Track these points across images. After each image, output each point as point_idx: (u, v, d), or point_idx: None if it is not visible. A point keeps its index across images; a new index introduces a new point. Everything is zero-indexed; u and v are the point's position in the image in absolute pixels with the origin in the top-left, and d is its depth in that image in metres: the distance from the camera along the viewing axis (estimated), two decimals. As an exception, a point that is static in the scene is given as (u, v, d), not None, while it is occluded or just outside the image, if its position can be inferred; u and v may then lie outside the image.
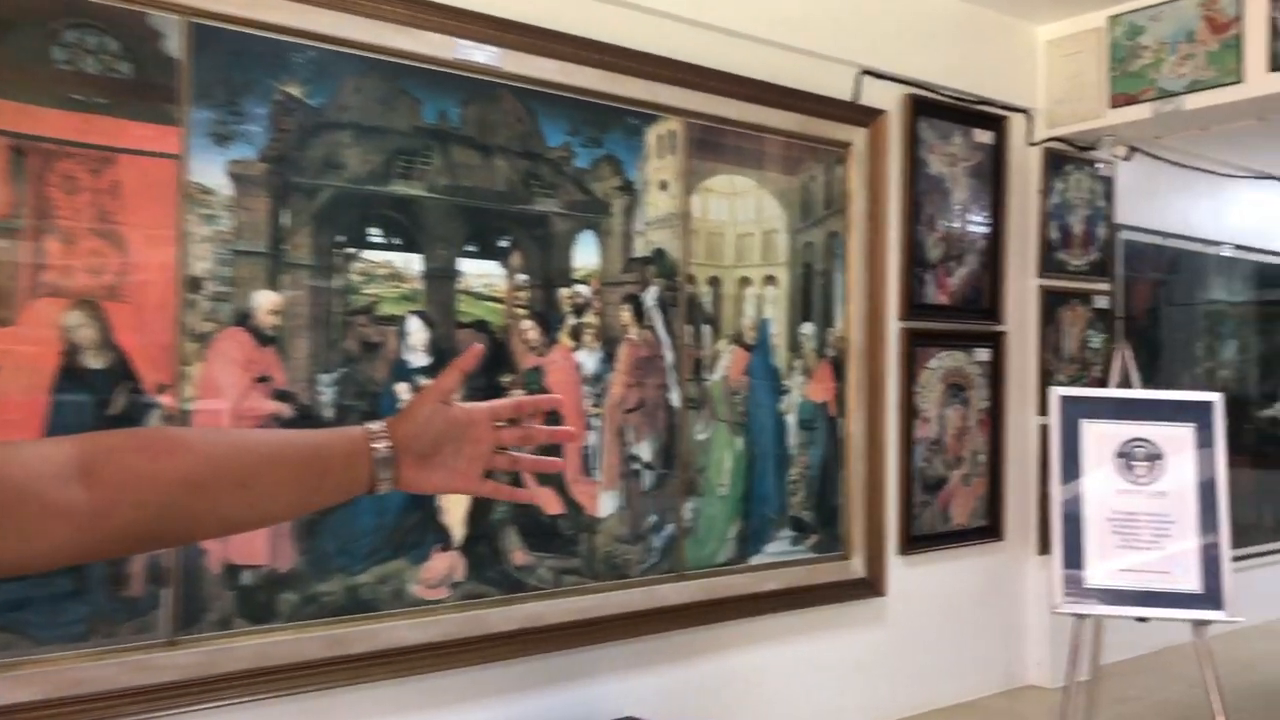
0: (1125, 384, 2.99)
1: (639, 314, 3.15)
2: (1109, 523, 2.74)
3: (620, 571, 3.10)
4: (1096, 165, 4.38)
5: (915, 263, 3.87)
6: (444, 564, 2.77)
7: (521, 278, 2.92)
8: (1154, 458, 2.77)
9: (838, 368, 3.66)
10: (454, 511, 2.79)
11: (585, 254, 3.05)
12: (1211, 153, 5.20)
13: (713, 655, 3.34)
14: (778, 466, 3.49)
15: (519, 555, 2.90)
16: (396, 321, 2.71)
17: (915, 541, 3.89)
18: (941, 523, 3.99)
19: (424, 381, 2.73)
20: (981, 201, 4.09)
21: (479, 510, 2.83)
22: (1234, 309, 5.36)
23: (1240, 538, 5.42)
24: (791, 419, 3.52)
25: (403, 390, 2.71)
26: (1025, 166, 4.25)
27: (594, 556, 3.04)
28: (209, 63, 2.42)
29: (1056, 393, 2.83)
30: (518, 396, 1.29)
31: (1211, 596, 2.72)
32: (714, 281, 3.34)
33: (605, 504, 3.07)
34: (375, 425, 1.08)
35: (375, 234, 2.69)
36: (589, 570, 3.03)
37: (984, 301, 4.11)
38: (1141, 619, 2.71)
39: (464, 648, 2.77)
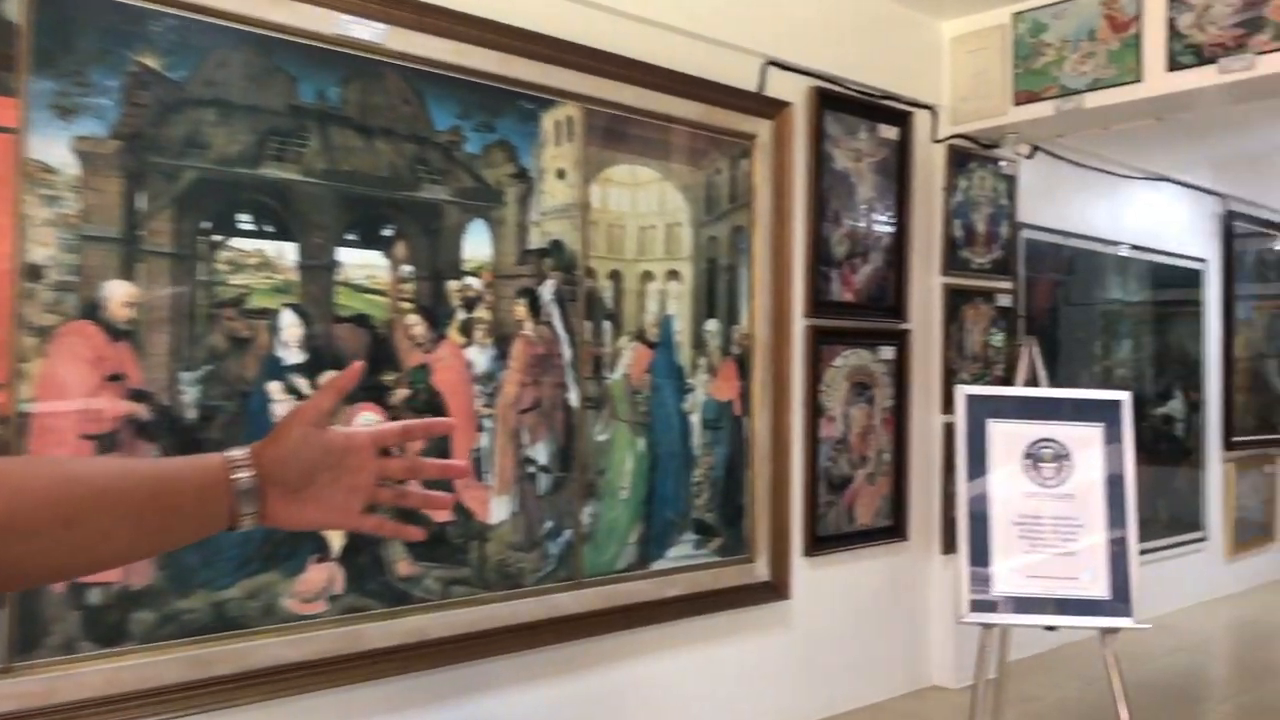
0: (1032, 382, 2.94)
1: (535, 309, 3.00)
2: (1016, 526, 2.67)
3: (513, 580, 2.94)
4: (1000, 163, 4.37)
5: (821, 259, 3.80)
6: (321, 576, 2.57)
7: (406, 269, 2.74)
8: (1061, 458, 2.71)
9: (743, 366, 3.56)
10: (332, 520, 2.59)
11: (476, 245, 2.88)
12: (1110, 153, 5.27)
13: (612, 665, 3.20)
14: (681, 468, 3.37)
15: (404, 565, 2.72)
16: (268, 315, 2.51)
17: (820, 542, 3.82)
18: (846, 523, 3.93)
19: (298, 380, 2.54)
20: (887, 198, 4.04)
21: (360, 518, 2.63)
22: (1130, 309, 5.45)
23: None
24: (696, 418, 3.41)
25: (275, 390, 2.51)
26: (930, 164, 4.22)
27: (485, 565, 2.88)
28: (52, 28, 2.19)
29: (963, 391, 2.75)
30: (405, 421, 1.15)
31: (1119, 602, 2.67)
32: (615, 276, 3.20)
33: (498, 509, 2.91)
34: (237, 453, 0.96)
35: (245, 220, 2.48)
36: (480, 580, 2.87)
37: (889, 299, 4.06)
38: (1050, 627, 2.67)
39: (342, 665, 2.58)
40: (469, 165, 2.86)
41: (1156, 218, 5.65)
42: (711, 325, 3.46)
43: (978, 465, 2.67)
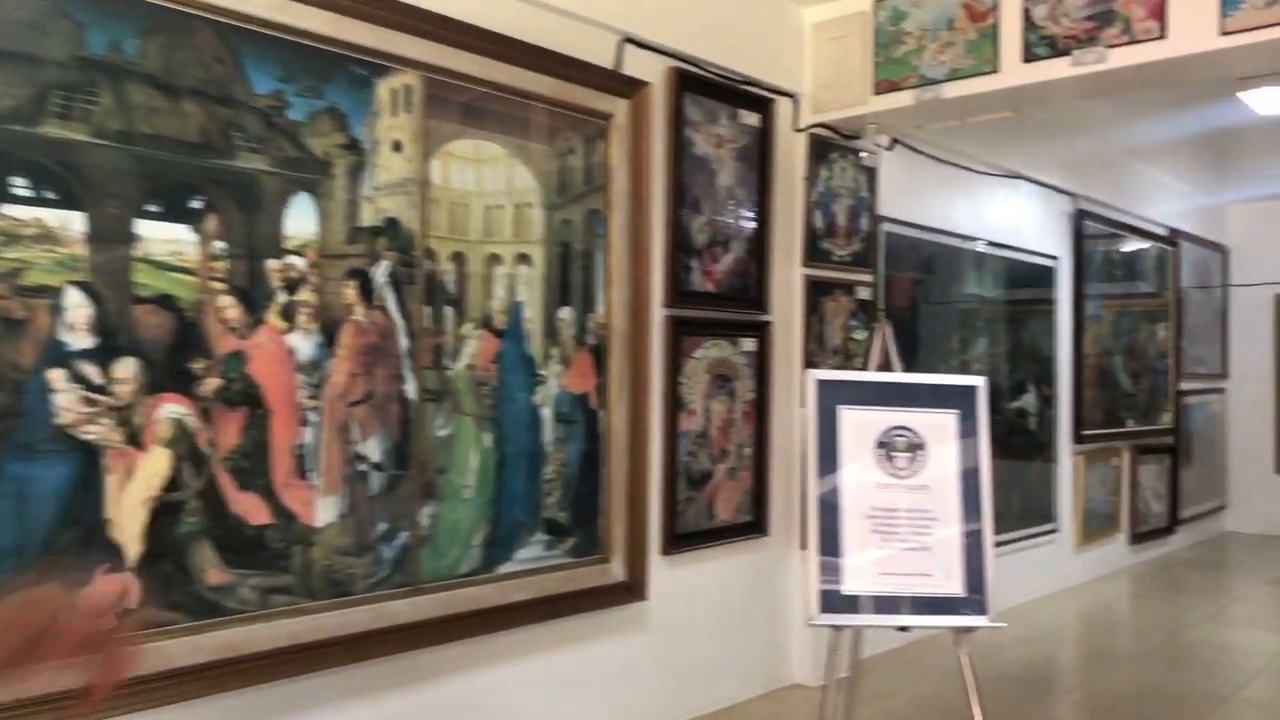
0: (886, 368, 2.86)
1: (367, 292, 2.76)
2: (868, 520, 2.55)
3: (342, 588, 2.70)
4: (861, 154, 4.33)
5: (681, 247, 3.66)
6: (113, 588, 2.28)
7: (218, 245, 2.47)
8: (915, 448, 2.60)
9: (599, 357, 3.39)
10: (128, 525, 2.31)
11: (300, 220, 2.62)
12: (969, 149, 5.32)
13: (454, 676, 2.99)
14: (531, 464, 3.18)
15: (214, 574, 2.45)
16: (49, 293, 2.21)
17: (679, 540, 3.68)
18: (706, 520, 3.81)
19: (87, 368, 2.24)
20: (748, 186, 3.94)
21: (162, 520, 2.36)
22: (986, 304, 5.52)
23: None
24: (547, 412, 3.22)
25: (57, 378, 2.21)
26: (791, 153, 4.14)
27: (310, 572, 2.63)
28: None
29: (813, 376, 2.62)
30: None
31: (974, 600, 2.59)
32: (458, 258, 2.98)
33: (324, 511, 2.66)
34: None
35: (20, 185, 2.18)
36: (304, 588, 2.62)
37: (751, 290, 3.96)
38: (903, 628, 2.58)
39: (141, 687, 2.30)
40: (292, 133, 2.60)
41: (1012, 215, 5.75)
42: (565, 314, 3.28)
43: (829, 455, 2.54)
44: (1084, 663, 4.78)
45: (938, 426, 2.62)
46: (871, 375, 2.76)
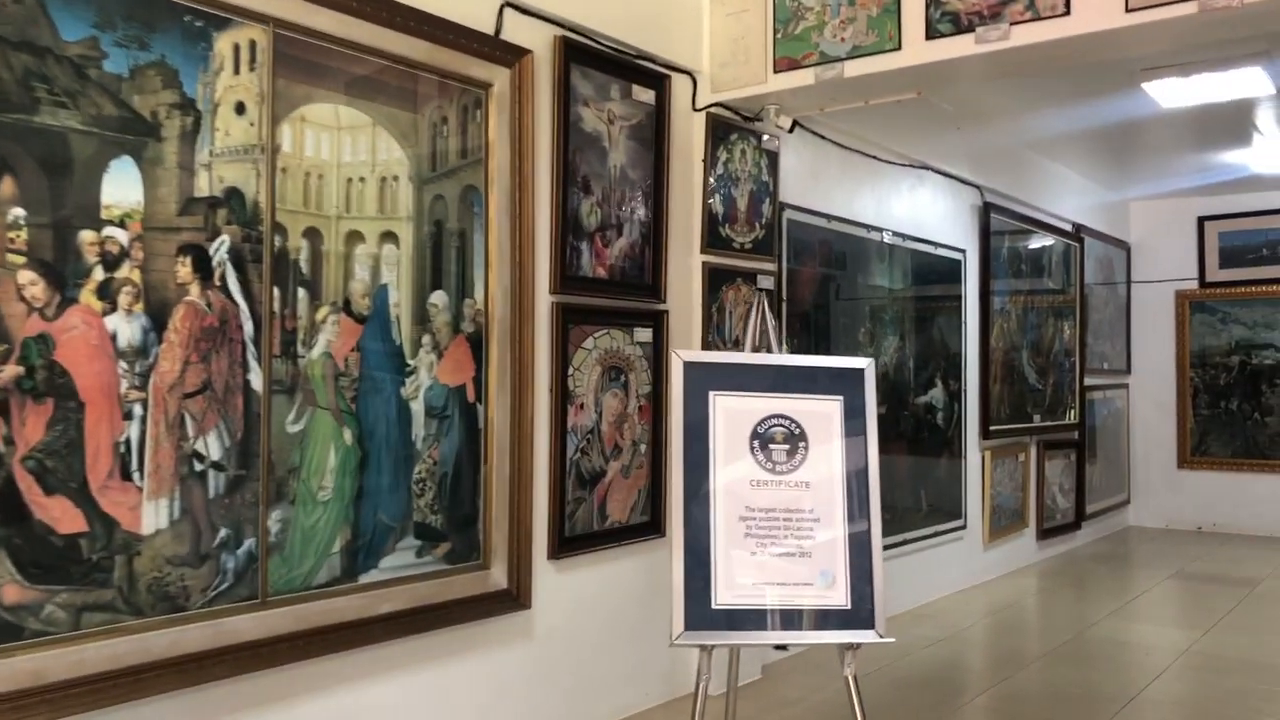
0: (764, 348, 2.64)
1: (204, 270, 2.46)
2: (742, 522, 2.28)
3: (174, 603, 2.39)
4: (762, 138, 4.15)
5: (569, 230, 3.42)
6: (-121, 611, 1.95)
7: (17, 212, 2.15)
8: (796, 439, 2.34)
9: (477, 346, 3.13)
10: (-100, 535, 1.98)
11: (122, 187, 2.31)
12: (875, 138, 5.19)
13: (311, 698, 2.70)
14: (399, 464, 2.90)
15: (12, 591, 2.13)
16: None
17: (568, 543, 3.44)
18: (599, 521, 3.57)
19: None
20: (643, 168, 3.72)
21: (-55, 532, 2.03)
22: (894, 298, 5.40)
23: (897, 524, 5.52)
24: (418, 406, 2.95)
25: None
26: (689, 133, 3.94)
27: (134, 585, 2.32)
28: None
29: (680, 357, 2.37)
30: None
31: (861, 613, 2.33)
32: (312, 235, 2.70)
33: (152, 516, 2.35)
34: None
35: None
36: (127, 604, 2.31)
37: (646, 277, 3.74)
38: (780, 646, 2.38)
39: (-84, 726, 1.97)
40: (111, 88, 2.29)
41: (919, 207, 5.64)
42: (438, 299, 3.01)
43: (699, 448, 2.28)
44: (992, 664, 4.67)
45: (820, 415, 2.36)
46: (746, 357, 2.49)
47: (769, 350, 2.60)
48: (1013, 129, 5.82)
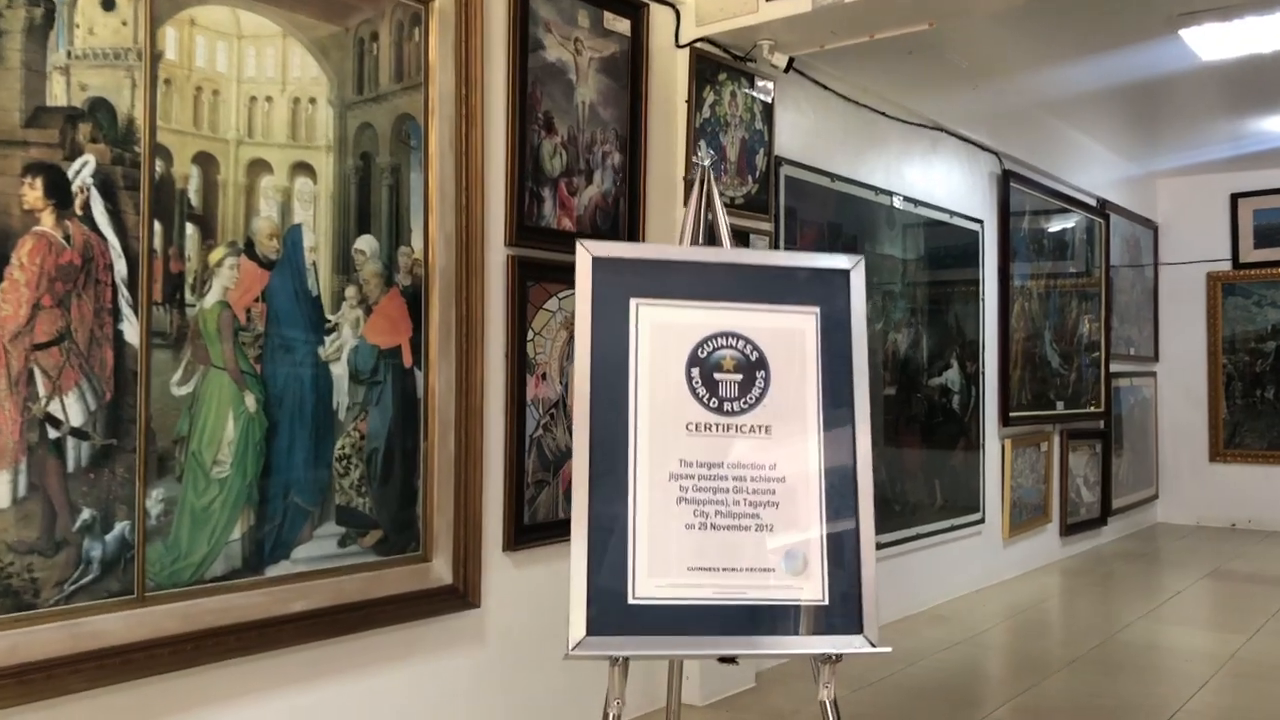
0: (708, 239, 2.15)
1: (60, 196, 2.03)
2: (673, 483, 1.67)
3: (17, 599, 1.96)
4: (755, 81, 3.69)
5: (527, 173, 2.98)
6: None
7: None
8: (752, 367, 1.73)
9: (415, 302, 2.69)
10: None
11: (-55, 88, 1.89)
12: (885, 92, 4.73)
13: (199, 712, 2.26)
14: (317, 436, 2.47)
15: None
16: None
17: (527, 532, 3.00)
18: (565, 507, 3.13)
19: None
20: (617, 107, 3.27)
21: None
22: (905, 268, 4.93)
23: (909, 518, 5.06)
24: (340, 370, 2.52)
25: None
26: (671, 72, 3.49)
27: (-38, 577, 1.89)
28: None
29: (587, 250, 1.76)
30: None
31: (843, 611, 1.71)
32: (205, 161, 2.26)
33: (-14, 492, 1.92)
34: None
35: None
36: (-47, 600, 1.88)
37: (620, 231, 3.29)
38: (727, 659, 1.82)
39: None
40: (-68, -35, 1.87)
41: (933, 171, 5.18)
42: (365, 244, 2.58)
43: (612, 379, 1.68)
44: (1014, 671, 4.20)
45: (787, 333, 1.75)
46: (683, 251, 1.92)
47: (717, 242, 2.10)
48: (1033, 87, 5.34)
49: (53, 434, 2.01)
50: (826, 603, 1.76)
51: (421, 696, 2.71)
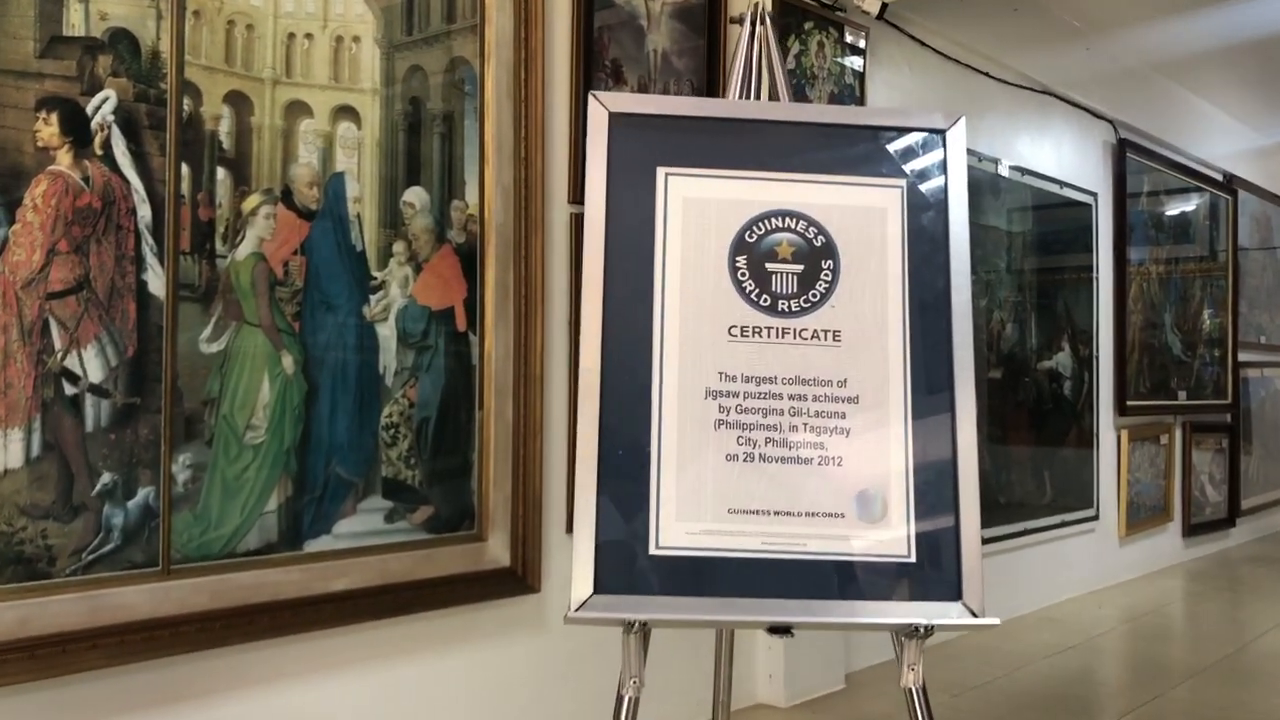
0: (757, 87, 1.84)
1: (78, 134, 1.88)
2: (713, 402, 1.31)
3: (30, 567, 1.81)
4: (845, 31, 3.41)
5: (594, 125, 2.75)
6: None
7: None
8: (816, 256, 1.34)
9: (470, 261, 2.49)
10: None
11: (-49, 12, 1.75)
12: (989, 51, 4.38)
13: (228, 696, 2.10)
14: (362, 403, 2.29)
15: None
16: None
17: (593, 515, 2.77)
18: (634, 490, 2.89)
19: None
20: (692, 57, 3.03)
21: None
22: (1012, 241, 4.57)
23: (1016, 512, 4.69)
24: (387, 331, 2.33)
25: None
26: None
27: (-31, 542, 1.75)
28: None
29: (599, 102, 1.44)
30: None
31: (937, 571, 1.32)
32: (238, 101, 2.10)
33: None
34: None
35: None
36: (-41, 566, 1.74)
37: (696, 191, 3.04)
38: (780, 629, 1.39)
39: None
40: (-62, -120, 1.73)
41: (1042, 138, 4.79)
42: (415, 196, 2.39)
43: (631, 269, 1.36)
44: (1133, 679, 3.81)
45: (863, 213, 1.37)
46: (727, 106, 1.53)
47: (774, 97, 1.78)
48: (1152, 47, 4.91)
49: (70, 390, 1.86)
50: (914, 559, 1.35)
51: (475, 686, 2.51)
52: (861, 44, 3.50)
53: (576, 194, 2.72)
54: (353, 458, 2.27)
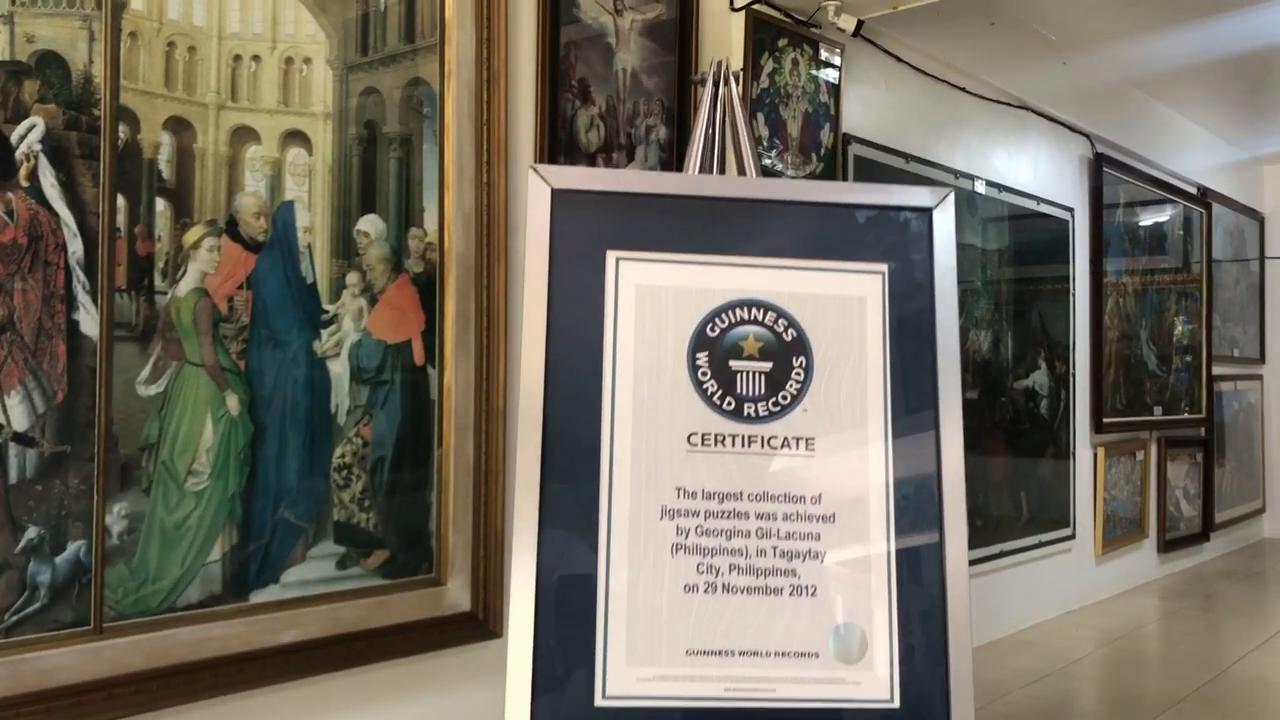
0: (720, 153, 1.70)
1: (1, 165, 1.75)
2: (668, 525, 1.15)
3: (-54, 632, 1.69)
4: (820, 48, 3.32)
5: (559, 147, 2.65)
6: None
7: None
8: (787, 352, 1.19)
9: (428, 292, 2.38)
10: None
11: None
12: (966, 67, 4.31)
13: (171, 761, 1.97)
14: (312, 443, 2.17)
15: None
16: None
17: (559, 553, 2.66)
18: (603, 525, 2.79)
19: None
20: (663, 75, 2.93)
21: None
22: (988, 259, 4.50)
23: (993, 533, 4.62)
24: (340, 367, 2.21)
25: None
26: (725, 36, 3.14)
27: (-123, 607, 1.62)
28: None
29: (541, 176, 1.27)
30: None
31: (923, 717, 1.13)
32: (179, 128, 1.98)
33: (-93, 508, 1.65)
34: None
35: None
36: None
37: (666, 214, 2.95)
38: None
39: None
40: None
41: (1018, 154, 4.73)
42: (370, 225, 2.27)
43: (578, 367, 1.19)
44: (1112, 710, 3.75)
45: (840, 303, 1.20)
46: (686, 181, 1.36)
47: (741, 170, 1.65)
48: (1128, 61, 4.86)
49: (-8, 440, 1.74)
50: (897, 705, 1.17)
51: (435, 738, 2.40)
52: (837, 61, 3.41)
53: (542, 219, 2.61)
54: (302, 502, 2.15)
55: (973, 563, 4.21)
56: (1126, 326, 5.52)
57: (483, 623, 2.46)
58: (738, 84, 1.71)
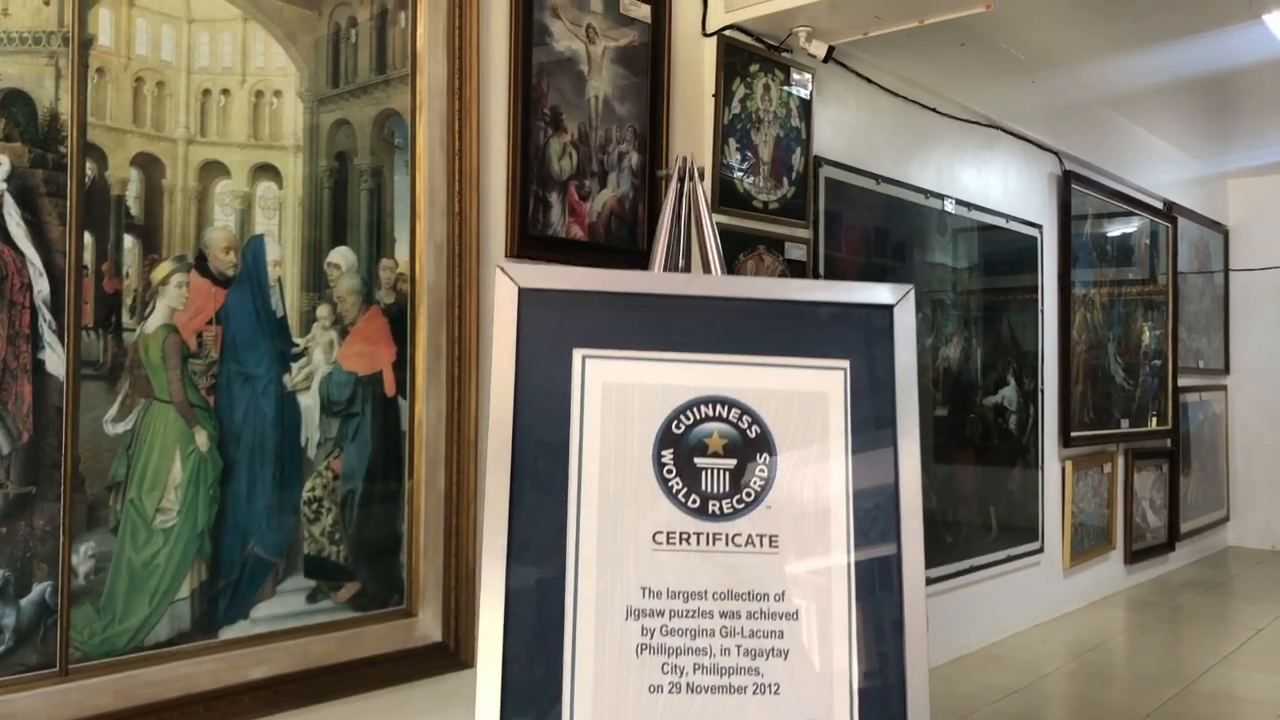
0: (687, 257, 1.71)
1: (-35, 204, 1.74)
2: (633, 625, 1.16)
3: (-92, 679, 1.67)
4: (791, 73, 3.34)
5: (532, 175, 2.66)
6: None
7: None
8: (751, 450, 1.21)
9: (399, 322, 2.37)
10: None
11: None
12: (936, 87, 4.35)
13: (139, 802, 1.96)
14: (282, 478, 2.16)
15: None
16: None
17: (531, 581, 2.66)
18: (575, 551, 2.79)
19: None
20: (635, 101, 2.94)
21: None
22: (958, 278, 4.54)
23: (963, 548, 4.66)
24: (310, 400, 2.21)
25: None
26: (697, 62, 3.15)
27: None
28: None
29: (508, 277, 1.29)
30: None
31: None
32: (148, 164, 1.96)
33: None
34: None
35: None
36: None
37: (639, 240, 2.96)
38: None
39: None
40: None
41: (988, 173, 4.78)
42: (340, 257, 2.27)
43: (542, 465, 1.20)
44: (1078, 722, 3.80)
45: (803, 399, 1.22)
46: (653, 280, 1.37)
47: (706, 267, 1.67)
48: (1096, 81, 4.92)
49: (-44, 482, 1.72)
50: None
51: (406, 769, 2.40)
52: (808, 85, 3.43)
53: (514, 248, 2.62)
54: (272, 537, 2.14)
55: (943, 579, 4.26)
56: (1094, 338, 5.59)
57: (454, 653, 2.46)
58: (703, 180, 1.71)
